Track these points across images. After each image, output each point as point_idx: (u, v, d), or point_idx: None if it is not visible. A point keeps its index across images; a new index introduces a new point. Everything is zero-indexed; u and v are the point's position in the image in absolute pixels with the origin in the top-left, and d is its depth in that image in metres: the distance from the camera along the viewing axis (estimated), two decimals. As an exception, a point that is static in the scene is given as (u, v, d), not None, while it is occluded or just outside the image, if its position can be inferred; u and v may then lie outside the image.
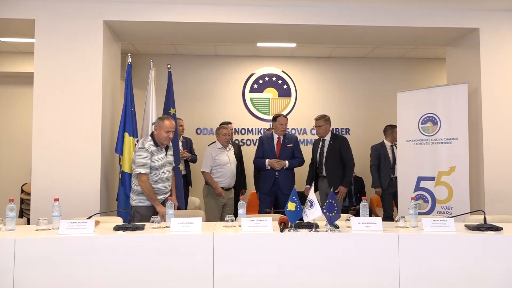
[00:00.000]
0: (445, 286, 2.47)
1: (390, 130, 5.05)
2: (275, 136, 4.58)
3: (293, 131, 6.24)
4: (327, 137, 4.59)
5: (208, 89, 6.31)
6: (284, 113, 6.27)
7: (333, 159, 4.48)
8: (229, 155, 4.56)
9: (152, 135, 3.51)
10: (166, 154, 3.51)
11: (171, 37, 4.75)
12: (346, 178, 4.47)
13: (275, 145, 4.53)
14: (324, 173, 4.51)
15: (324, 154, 4.53)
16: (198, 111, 6.20)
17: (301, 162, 4.56)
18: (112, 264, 2.45)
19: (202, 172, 4.51)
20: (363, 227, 2.59)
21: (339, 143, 4.54)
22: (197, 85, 6.29)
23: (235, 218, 2.87)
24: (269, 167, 4.45)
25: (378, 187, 4.88)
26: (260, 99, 6.39)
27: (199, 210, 4.04)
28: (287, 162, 4.44)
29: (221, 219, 4.24)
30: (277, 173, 4.42)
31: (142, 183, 3.37)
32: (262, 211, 4.38)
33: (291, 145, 4.54)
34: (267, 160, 4.48)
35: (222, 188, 4.44)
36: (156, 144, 3.45)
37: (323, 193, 4.55)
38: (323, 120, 4.59)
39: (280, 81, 6.44)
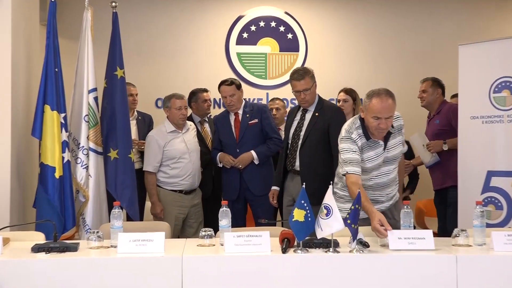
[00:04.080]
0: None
1: None
2: (231, 113, 4.51)
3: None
4: (311, 107, 3.97)
5: (173, 41, 6.30)
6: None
7: (315, 143, 3.84)
8: (186, 140, 4.43)
9: (360, 118, 3.25)
10: (384, 149, 3.26)
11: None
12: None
13: (233, 126, 4.52)
14: (296, 166, 3.91)
15: (302, 134, 3.90)
16: (159, 73, 6.19)
17: (279, 143, 4.40)
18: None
19: (145, 171, 4.42)
20: (405, 244, 2.63)
21: (329, 117, 3.86)
22: (157, 34, 6.26)
23: (215, 233, 2.87)
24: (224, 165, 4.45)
25: None
26: (252, 54, 6.39)
27: (162, 222, 4.03)
28: (253, 153, 4.36)
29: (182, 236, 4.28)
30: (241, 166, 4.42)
31: (353, 185, 3.10)
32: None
33: (256, 120, 4.43)
34: (219, 154, 4.47)
35: (181, 191, 4.40)
36: (366, 136, 3.22)
37: (290, 198, 3.98)
38: (309, 78, 3.89)
39: (282, 28, 6.42)
